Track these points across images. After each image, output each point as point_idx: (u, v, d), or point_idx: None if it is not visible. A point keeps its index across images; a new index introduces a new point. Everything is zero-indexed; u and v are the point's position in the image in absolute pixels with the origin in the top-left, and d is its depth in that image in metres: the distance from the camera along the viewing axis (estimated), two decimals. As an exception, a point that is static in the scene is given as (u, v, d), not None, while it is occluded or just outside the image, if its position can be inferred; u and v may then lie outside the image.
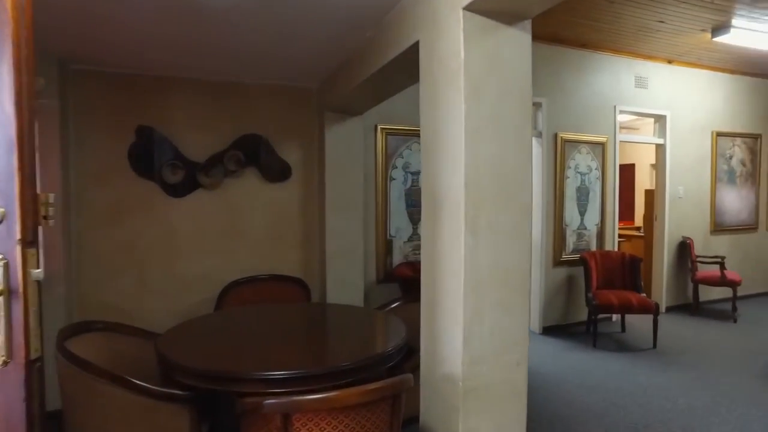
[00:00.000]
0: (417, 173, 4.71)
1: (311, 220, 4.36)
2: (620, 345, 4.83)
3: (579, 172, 5.36)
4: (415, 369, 2.39)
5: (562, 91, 5.20)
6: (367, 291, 4.44)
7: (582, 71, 5.37)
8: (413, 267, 4.43)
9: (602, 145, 5.51)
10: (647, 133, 6.56)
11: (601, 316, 5.10)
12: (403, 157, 4.66)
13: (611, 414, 3.34)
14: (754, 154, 6.85)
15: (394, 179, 4.64)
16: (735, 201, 6.70)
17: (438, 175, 1.98)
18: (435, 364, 2.03)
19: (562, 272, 5.36)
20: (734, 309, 5.77)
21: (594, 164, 5.47)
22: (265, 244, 4.17)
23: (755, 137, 6.82)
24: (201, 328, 2.71)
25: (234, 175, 4.02)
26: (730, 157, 6.62)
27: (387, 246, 4.63)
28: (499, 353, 1.92)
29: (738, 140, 6.66)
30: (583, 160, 5.39)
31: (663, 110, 5.93)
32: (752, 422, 3.20)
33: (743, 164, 6.75)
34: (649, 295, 6.07)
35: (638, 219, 8.65)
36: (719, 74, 6.42)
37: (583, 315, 5.34)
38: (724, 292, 6.30)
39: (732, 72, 6.50)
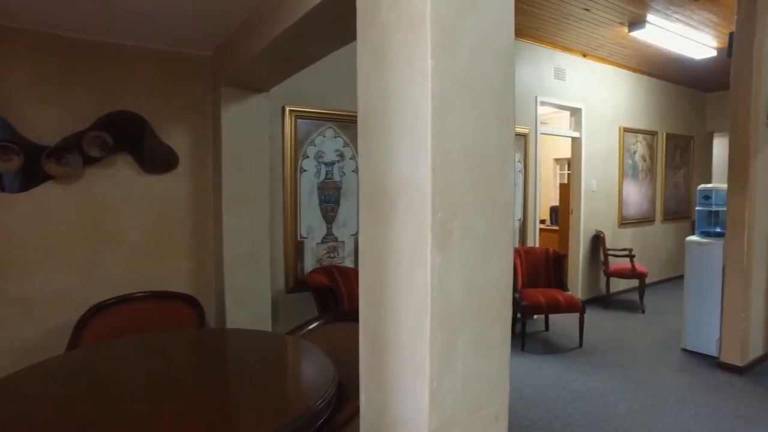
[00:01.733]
0: (332, 164, 4.08)
1: (204, 221, 3.56)
2: (547, 346, 4.61)
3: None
4: (352, 417, 1.80)
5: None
6: (275, 303, 3.74)
7: (504, 58, 5.07)
8: (329, 274, 3.81)
9: (524, 137, 5.28)
10: (558, 127, 6.51)
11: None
12: (315, 145, 4.01)
13: (557, 429, 3.01)
14: (652, 150, 7.12)
15: (305, 171, 3.98)
16: (638, 195, 6.91)
17: (388, 162, 1.39)
18: (385, 427, 1.45)
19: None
20: (642, 300, 5.90)
21: (517, 156, 5.22)
22: (144, 251, 3.31)
23: (653, 134, 7.10)
24: (36, 388, 1.87)
25: (99, 163, 3.11)
26: (634, 153, 6.81)
27: (297, 249, 3.95)
28: (475, 408, 1.39)
29: (640, 136, 6.87)
30: (504, 153, 5.11)
31: (579, 103, 5.87)
32: (688, 422, 3.12)
33: (644, 159, 6.99)
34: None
35: (543, 212, 8.74)
36: (624, 71, 6.55)
37: (506, 315, 5.07)
38: (629, 282, 6.47)
39: (634, 70, 6.66)
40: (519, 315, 4.59)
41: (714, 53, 5.63)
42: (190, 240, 3.49)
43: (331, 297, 3.31)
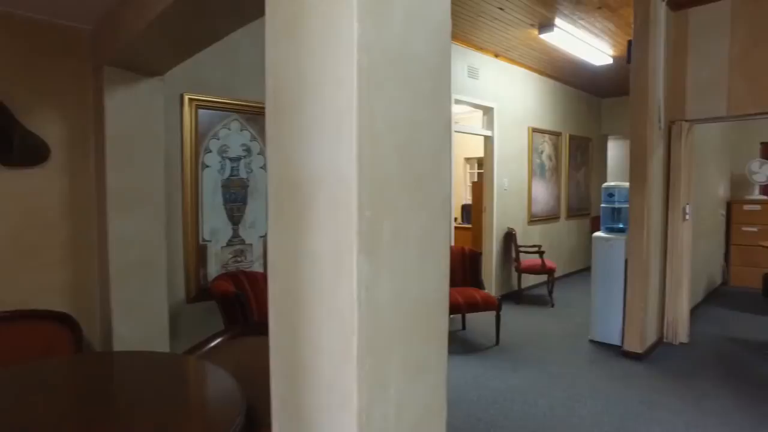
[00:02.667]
0: (237, 159, 3.73)
1: (84, 223, 3.05)
2: (466, 345, 4.59)
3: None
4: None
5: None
6: (175, 315, 3.32)
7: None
8: (235, 280, 3.46)
9: (439, 135, 5.23)
10: (469, 125, 6.59)
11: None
12: (219, 139, 3.63)
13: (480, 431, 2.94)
14: (557, 150, 7.46)
15: (207, 167, 3.58)
16: (545, 193, 7.20)
17: (303, 151, 1.15)
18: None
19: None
20: (551, 294, 6.12)
21: (431, 155, 5.15)
22: (4, 262, 2.75)
23: (558, 135, 7.44)
24: None
25: (-59, 154, 2.53)
26: (542, 152, 7.08)
27: (199, 254, 3.55)
28: (409, 439, 1.19)
29: (546, 137, 7.16)
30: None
31: (491, 102, 5.96)
32: (601, 413, 3.20)
33: (550, 159, 7.29)
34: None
35: (454, 210, 8.88)
36: (533, 74, 6.78)
37: (424, 315, 5.00)
38: (539, 277, 6.71)
39: (542, 73, 6.93)
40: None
41: (611, 61, 5.98)
42: (66, 247, 2.97)
43: (238, 306, 2.97)
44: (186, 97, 3.41)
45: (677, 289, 4.45)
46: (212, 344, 2.30)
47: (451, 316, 5.27)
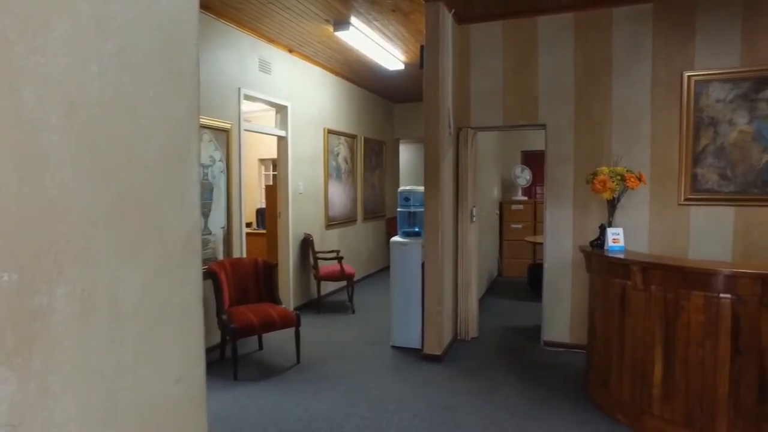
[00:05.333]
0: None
1: None
2: (263, 368, 4.09)
3: (200, 164, 4.27)
4: None
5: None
6: None
7: (204, 39, 4.29)
8: None
9: (227, 132, 4.61)
10: (261, 125, 6.08)
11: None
12: None
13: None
14: (353, 153, 7.44)
15: None
16: (342, 196, 7.10)
17: None
18: None
19: (186, 290, 4.18)
20: (351, 300, 6.01)
21: (218, 155, 4.52)
22: None
23: (353, 137, 7.43)
24: None
25: None
26: (337, 155, 6.95)
27: None
28: None
29: (342, 139, 7.07)
30: (205, 150, 4.35)
31: (285, 101, 5.55)
32: (409, 427, 3.07)
33: (346, 162, 7.23)
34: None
35: (248, 215, 8.23)
36: (329, 74, 6.60)
37: (212, 339, 4.35)
38: (339, 283, 6.56)
39: (338, 74, 6.80)
40: (228, 338, 3.93)
41: (402, 66, 6.13)
42: None
43: None
44: None
45: (467, 287, 4.69)
46: None
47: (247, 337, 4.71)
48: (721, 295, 2.67)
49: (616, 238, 3.34)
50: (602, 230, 3.44)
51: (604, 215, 3.71)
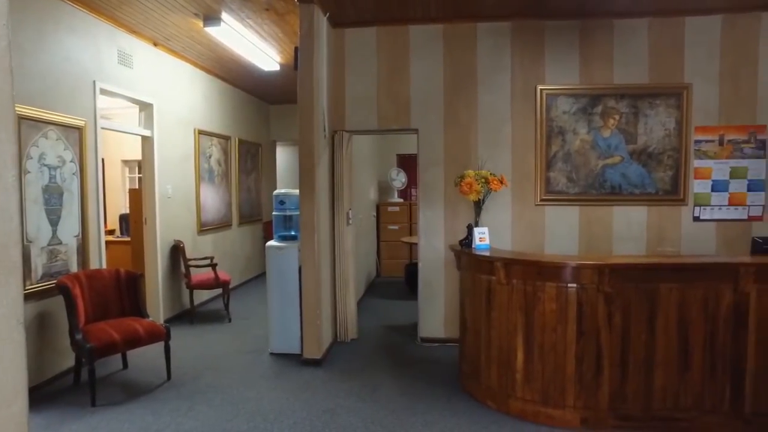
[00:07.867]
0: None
1: None
2: (128, 389, 3.72)
3: (47, 165, 3.78)
4: None
5: (21, 48, 3.45)
6: None
7: (52, 23, 3.79)
8: None
9: (79, 130, 4.13)
10: (124, 123, 5.56)
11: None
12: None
13: None
14: (226, 154, 7.12)
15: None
16: (216, 200, 6.75)
17: None
18: None
19: (28, 310, 3.67)
20: (227, 308, 5.73)
21: (68, 155, 4.02)
22: None
23: (227, 138, 7.11)
24: None
25: None
26: (210, 157, 6.60)
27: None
28: None
29: (215, 140, 6.73)
30: (52, 149, 3.84)
31: (149, 98, 5.12)
32: None
33: (220, 164, 6.89)
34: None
35: (111, 222, 7.46)
36: (200, 71, 6.24)
37: (66, 362, 3.86)
38: (213, 291, 6.22)
39: (210, 72, 6.47)
40: (84, 360, 3.51)
41: (278, 67, 6.01)
42: None
43: None
44: None
45: (345, 289, 4.73)
46: None
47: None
48: (569, 284, 3.03)
49: (482, 237, 3.61)
50: (470, 230, 3.70)
51: (472, 215, 3.99)
